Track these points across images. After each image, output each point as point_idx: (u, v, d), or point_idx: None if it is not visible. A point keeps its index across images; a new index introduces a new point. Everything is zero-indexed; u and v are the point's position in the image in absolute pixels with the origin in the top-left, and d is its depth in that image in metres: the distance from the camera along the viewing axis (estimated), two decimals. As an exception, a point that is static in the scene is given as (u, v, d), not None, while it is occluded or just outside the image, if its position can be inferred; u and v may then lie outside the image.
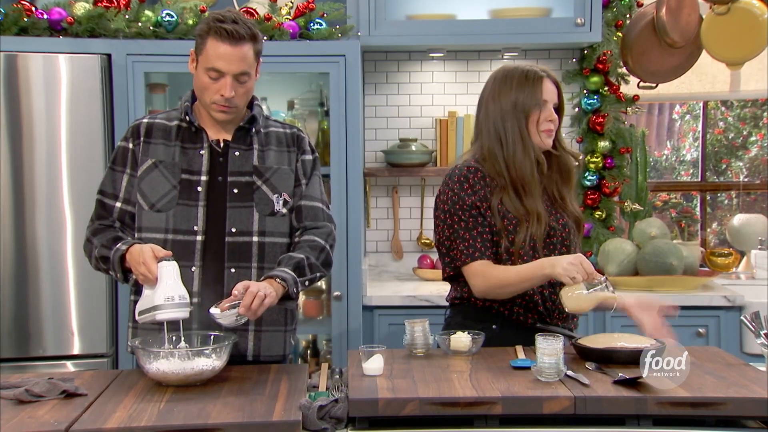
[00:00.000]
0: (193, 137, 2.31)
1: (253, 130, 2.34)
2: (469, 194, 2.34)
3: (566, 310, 2.23)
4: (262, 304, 2.08)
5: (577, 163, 2.52)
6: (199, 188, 2.27)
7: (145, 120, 2.35)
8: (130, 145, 2.31)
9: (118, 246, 2.20)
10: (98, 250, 2.25)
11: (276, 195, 2.33)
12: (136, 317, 2.15)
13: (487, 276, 2.30)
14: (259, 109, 2.36)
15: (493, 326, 2.37)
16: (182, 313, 2.07)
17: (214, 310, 2.08)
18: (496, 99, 2.39)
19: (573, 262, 2.17)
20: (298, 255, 2.27)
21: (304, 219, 2.37)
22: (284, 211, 2.34)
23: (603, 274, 2.39)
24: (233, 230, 2.28)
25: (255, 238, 2.30)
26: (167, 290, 2.05)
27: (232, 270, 2.27)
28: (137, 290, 2.29)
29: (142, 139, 2.31)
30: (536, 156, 2.37)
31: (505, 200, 2.34)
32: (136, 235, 2.30)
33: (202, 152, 2.29)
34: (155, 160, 2.28)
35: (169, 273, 2.07)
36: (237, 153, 2.31)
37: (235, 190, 2.29)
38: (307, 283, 2.28)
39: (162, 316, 2.06)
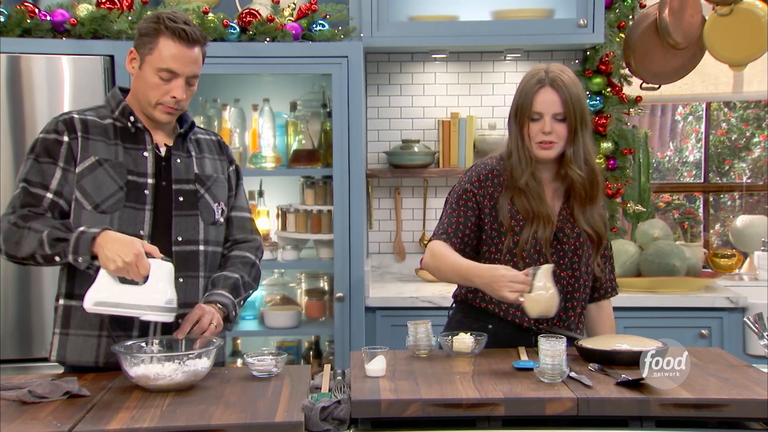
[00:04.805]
0: (134, 138, 2.21)
1: (189, 137, 2.30)
2: (475, 187, 2.36)
3: (533, 316, 2.18)
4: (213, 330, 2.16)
5: (582, 180, 2.33)
6: (147, 191, 2.19)
7: (75, 115, 2.19)
8: (65, 138, 2.15)
9: (83, 229, 2.04)
10: (49, 231, 2.04)
11: (216, 204, 2.30)
12: (91, 305, 2.01)
13: (435, 254, 2.32)
14: (188, 115, 2.31)
15: (489, 326, 2.37)
16: (171, 318, 2.07)
17: (250, 360, 2.12)
18: (513, 99, 2.38)
19: (512, 283, 2.12)
20: (233, 275, 2.27)
21: (234, 231, 2.37)
22: (222, 220, 2.33)
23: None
24: (179, 239, 2.22)
25: (201, 247, 2.26)
26: (165, 292, 2.03)
27: (180, 279, 2.18)
28: (68, 293, 2.19)
29: (79, 134, 2.16)
30: (532, 165, 2.32)
31: (516, 200, 2.34)
32: None
33: (145, 154, 2.21)
34: (99, 158, 2.16)
35: (166, 274, 2.04)
36: (179, 160, 2.26)
37: (181, 198, 2.23)
38: (242, 302, 2.31)
39: (152, 317, 2.04)
